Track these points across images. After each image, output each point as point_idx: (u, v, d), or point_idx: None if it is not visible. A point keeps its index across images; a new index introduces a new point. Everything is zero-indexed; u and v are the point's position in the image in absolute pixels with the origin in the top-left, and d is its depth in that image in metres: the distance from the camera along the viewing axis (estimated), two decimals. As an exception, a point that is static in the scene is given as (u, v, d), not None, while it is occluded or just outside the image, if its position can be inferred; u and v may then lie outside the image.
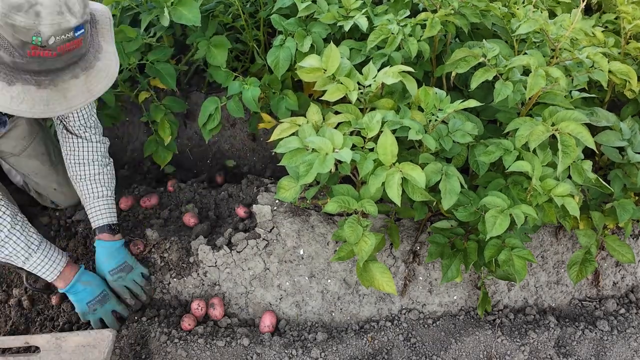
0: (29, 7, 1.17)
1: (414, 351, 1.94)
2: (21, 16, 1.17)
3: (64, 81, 1.32)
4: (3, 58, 1.23)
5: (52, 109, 1.32)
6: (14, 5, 1.17)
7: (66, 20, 1.22)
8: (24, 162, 2.11)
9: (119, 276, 1.90)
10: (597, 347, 2.02)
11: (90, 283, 1.84)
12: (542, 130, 1.63)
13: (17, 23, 1.17)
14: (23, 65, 1.25)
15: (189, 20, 1.93)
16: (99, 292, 1.85)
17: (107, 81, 1.42)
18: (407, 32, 1.88)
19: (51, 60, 1.26)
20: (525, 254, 1.71)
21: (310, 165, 1.57)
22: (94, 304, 1.84)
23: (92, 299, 1.83)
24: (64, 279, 1.81)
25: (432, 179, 1.60)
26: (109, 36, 1.46)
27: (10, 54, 1.23)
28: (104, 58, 1.41)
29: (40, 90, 1.29)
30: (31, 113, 1.30)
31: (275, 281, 2.01)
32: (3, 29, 1.19)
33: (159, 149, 2.35)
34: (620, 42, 2.11)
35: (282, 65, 1.98)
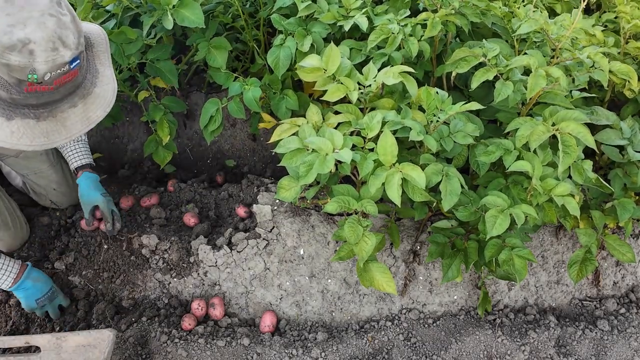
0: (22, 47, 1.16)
1: (414, 351, 1.94)
2: (15, 55, 1.16)
3: (63, 111, 1.32)
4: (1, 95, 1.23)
5: (53, 141, 1.32)
6: (7, 46, 1.16)
7: (60, 56, 1.21)
8: (22, 162, 2.10)
9: (109, 199, 2.03)
10: (597, 347, 2.02)
11: (39, 279, 1.89)
12: (543, 130, 1.63)
13: (11, 62, 1.17)
14: (21, 101, 1.25)
15: (192, 23, 1.93)
16: (47, 289, 1.90)
17: (105, 107, 1.41)
18: (407, 32, 1.87)
19: (48, 93, 1.26)
20: (526, 254, 1.71)
21: (310, 166, 1.57)
22: (43, 300, 1.90)
23: (42, 295, 1.89)
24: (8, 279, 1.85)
25: (432, 179, 1.60)
26: (105, 58, 1.44)
27: (7, 91, 1.22)
28: (100, 83, 1.39)
29: (39, 123, 1.29)
30: (32, 146, 1.29)
31: (276, 281, 2.01)
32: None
33: (158, 149, 2.35)
34: (620, 41, 2.11)
35: (282, 65, 1.97)
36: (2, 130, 1.26)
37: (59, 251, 2.13)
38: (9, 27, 1.16)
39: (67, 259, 2.08)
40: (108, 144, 2.55)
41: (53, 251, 2.13)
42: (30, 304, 1.89)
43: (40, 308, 1.91)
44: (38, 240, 2.18)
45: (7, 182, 2.35)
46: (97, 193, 2.02)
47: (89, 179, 2.03)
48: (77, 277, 2.04)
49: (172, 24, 1.91)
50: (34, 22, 1.17)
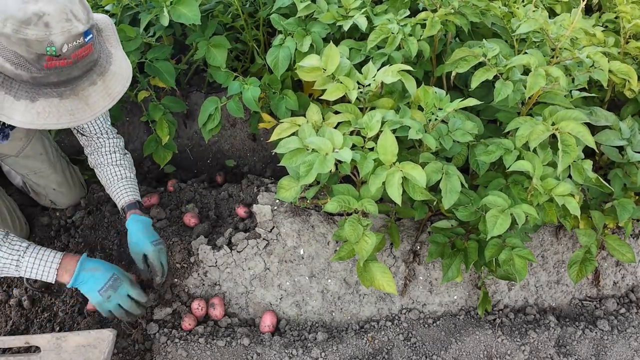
0: (37, 20, 1.19)
1: (414, 351, 1.94)
2: (32, 29, 1.19)
3: (84, 89, 1.34)
4: (22, 76, 1.25)
5: (78, 118, 1.34)
6: (22, 20, 1.18)
7: (75, 27, 1.24)
8: (22, 162, 2.10)
9: (160, 248, 1.86)
10: (597, 347, 2.02)
11: (97, 269, 1.68)
12: (542, 129, 1.63)
13: (29, 37, 1.19)
14: (42, 79, 1.27)
15: (188, 19, 1.93)
16: (109, 277, 1.69)
17: (124, 83, 1.44)
18: (407, 32, 1.88)
19: (68, 69, 1.28)
20: (526, 254, 1.71)
21: (310, 166, 1.57)
22: (106, 290, 1.68)
23: (103, 285, 1.68)
24: (66, 273, 1.65)
25: (432, 178, 1.60)
26: (115, 41, 1.47)
27: (28, 70, 1.24)
28: (115, 62, 1.43)
29: (63, 101, 1.31)
30: (59, 125, 1.31)
31: (276, 281, 2.01)
32: (17, 45, 1.20)
33: (158, 149, 2.35)
34: (620, 41, 2.11)
35: (282, 65, 1.98)
36: (28, 112, 1.27)
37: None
38: (22, 4, 1.19)
39: (67, 259, 2.07)
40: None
41: (53, 251, 2.13)
42: (95, 297, 1.67)
43: (108, 300, 1.68)
44: (38, 241, 2.18)
45: (7, 182, 2.35)
46: (147, 241, 1.84)
47: (138, 222, 1.86)
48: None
49: (167, 20, 1.91)
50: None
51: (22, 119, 1.28)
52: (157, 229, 2.13)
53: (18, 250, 1.61)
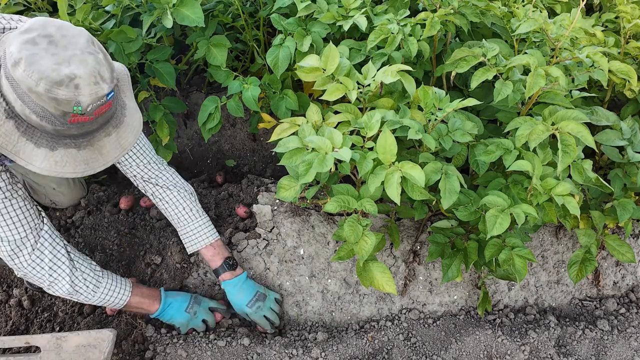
0: (68, 82, 1.26)
1: (414, 351, 1.94)
2: (62, 90, 1.26)
3: (99, 140, 1.42)
4: (45, 127, 1.32)
5: (92, 167, 1.42)
6: (55, 82, 1.25)
7: (101, 88, 1.31)
8: None
9: (257, 306, 1.92)
10: (597, 347, 2.02)
11: (176, 295, 1.91)
12: (542, 129, 1.63)
13: (59, 97, 1.26)
14: (64, 132, 1.34)
15: (192, 21, 1.93)
16: (190, 297, 1.92)
17: (135, 134, 1.51)
18: (407, 32, 1.87)
19: (89, 124, 1.36)
20: (526, 254, 1.71)
21: (309, 165, 1.57)
22: (192, 307, 1.90)
23: (187, 304, 1.90)
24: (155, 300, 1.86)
25: (431, 178, 1.60)
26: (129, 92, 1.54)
27: (52, 123, 1.31)
28: (129, 113, 1.49)
29: (80, 152, 1.39)
30: (74, 173, 1.40)
31: (276, 281, 2.01)
32: (46, 103, 1.27)
33: (159, 149, 2.35)
34: (620, 41, 2.11)
35: (282, 65, 1.98)
36: (47, 160, 1.35)
37: (59, 251, 2.13)
38: (55, 65, 1.26)
39: (67, 259, 2.07)
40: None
41: (53, 251, 2.13)
42: (182, 316, 1.88)
43: (194, 316, 1.89)
44: (38, 240, 2.18)
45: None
46: (242, 304, 1.92)
47: (230, 287, 1.93)
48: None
49: (171, 22, 1.91)
50: (76, 60, 1.28)
51: (41, 166, 1.36)
52: (157, 229, 2.13)
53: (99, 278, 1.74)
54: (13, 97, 1.29)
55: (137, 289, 1.84)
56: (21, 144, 1.33)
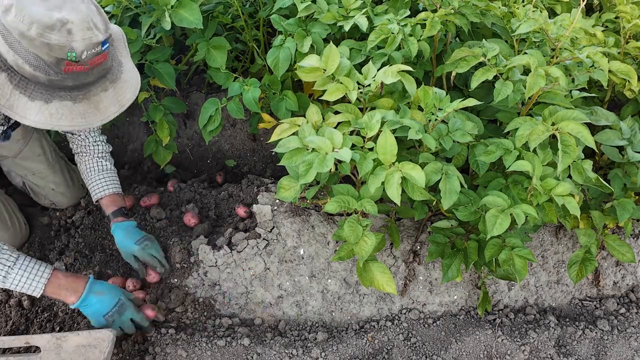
0: (61, 26, 1.25)
1: (414, 351, 1.94)
2: (55, 34, 1.25)
3: (96, 94, 1.40)
4: (39, 78, 1.31)
5: (89, 121, 1.40)
6: (47, 26, 1.24)
7: (95, 35, 1.30)
8: (20, 163, 2.11)
9: (145, 244, 1.91)
10: (597, 347, 2.02)
11: (103, 293, 1.73)
12: (542, 129, 1.63)
13: (52, 42, 1.25)
14: (59, 83, 1.33)
15: (190, 23, 1.93)
16: (115, 302, 1.74)
17: (133, 91, 1.51)
18: (407, 32, 1.88)
19: (84, 74, 1.35)
20: (526, 254, 1.71)
21: (310, 165, 1.57)
22: (112, 315, 1.74)
23: (109, 310, 1.73)
24: (73, 294, 1.69)
25: (432, 178, 1.60)
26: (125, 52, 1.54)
27: (46, 73, 1.30)
28: (126, 71, 1.50)
29: (76, 105, 1.37)
30: (71, 127, 1.38)
31: (276, 281, 2.01)
32: (39, 48, 1.26)
33: (159, 149, 2.35)
34: (620, 41, 2.11)
35: (282, 66, 1.98)
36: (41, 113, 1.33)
37: (59, 251, 2.13)
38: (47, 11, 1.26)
39: (67, 259, 2.08)
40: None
41: (53, 251, 2.13)
42: (99, 320, 1.74)
43: (111, 324, 1.75)
44: (38, 240, 2.18)
45: (7, 182, 2.35)
46: (131, 243, 1.91)
47: (120, 229, 1.94)
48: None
49: (169, 24, 1.91)
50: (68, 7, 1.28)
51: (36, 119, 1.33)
52: (157, 229, 2.13)
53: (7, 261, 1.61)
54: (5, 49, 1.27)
55: (56, 279, 1.67)
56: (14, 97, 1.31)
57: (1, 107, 1.32)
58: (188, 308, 1.99)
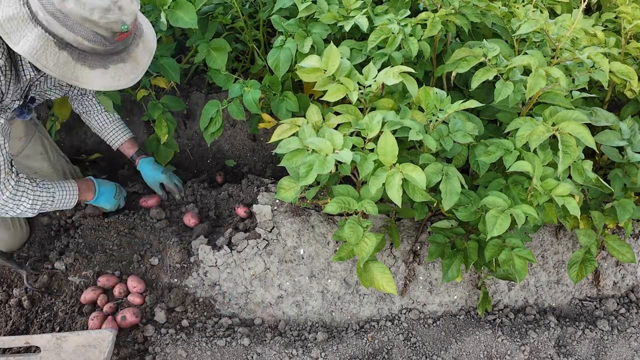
0: (114, 6, 1.44)
1: (414, 351, 1.94)
2: (111, 15, 1.44)
3: (133, 50, 1.60)
4: (97, 50, 1.49)
5: (137, 75, 1.61)
6: (105, 9, 1.43)
7: (135, 5, 1.50)
8: (22, 162, 2.10)
9: (170, 174, 2.27)
10: (597, 347, 2.02)
11: (106, 184, 2.12)
12: (543, 130, 1.63)
13: (110, 20, 1.44)
14: (112, 50, 1.52)
15: (186, 24, 1.93)
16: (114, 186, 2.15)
17: (153, 37, 1.70)
18: (407, 32, 1.87)
19: (129, 38, 1.55)
20: (526, 254, 1.71)
21: (310, 166, 1.57)
22: (118, 194, 2.15)
23: (114, 192, 2.13)
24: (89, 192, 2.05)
25: (432, 179, 1.60)
26: None
27: (103, 45, 1.49)
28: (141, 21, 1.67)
29: (126, 65, 1.57)
30: (127, 84, 1.59)
31: (276, 281, 2.01)
32: (101, 28, 1.44)
33: (160, 148, 2.35)
34: (620, 42, 2.11)
35: (283, 67, 1.97)
36: (104, 78, 1.54)
37: (59, 251, 2.13)
38: None
39: (67, 259, 2.07)
40: None
41: (53, 251, 2.13)
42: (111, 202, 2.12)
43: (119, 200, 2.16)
44: (38, 240, 2.18)
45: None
46: (158, 172, 2.23)
47: (147, 163, 2.24)
48: (77, 277, 2.04)
49: (166, 26, 1.92)
50: None
51: (102, 84, 1.54)
52: (157, 229, 2.14)
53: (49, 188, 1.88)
54: (63, 30, 1.43)
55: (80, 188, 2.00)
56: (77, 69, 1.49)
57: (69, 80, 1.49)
58: (188, 308, 1.99)
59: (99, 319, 1.89)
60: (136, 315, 1.89)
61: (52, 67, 1.46)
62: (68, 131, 2.61)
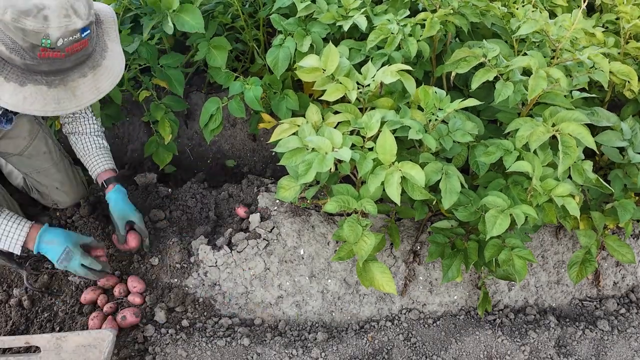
0: (37, 12, 1.23)
1: (414, 351, 1.94)
2: (30, 20, 1.23)
3: (73, 80, 1.37)
4: (14, 60, 1.29)
5: (63, 107, 1.38)
6: (22, 11, 1.22)
7: (73, 23, 1.27)
8: (26, 161, 2.11)
9: (141, 215, 1.99)
10: (597, 347, 2.02)
11: (52, 242, 1.77)
12: (543, 130, 1.63)
13: (27, 27, 1.23)
14: (34, 67, 1.30)
15: (192, 27, 1.94)
16: (62, 250, 1.77)
17: (114, 79, 1.47)
18: (406, 32, 1.88)
19: (60, 60, 1.32)
20: (526, 254, 1.71)
21: (309, 165, 1.57)
22: (62, 261, 1.78)
23: (59, 256, 1.77)
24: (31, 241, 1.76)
25: (432, 178, 1.60)
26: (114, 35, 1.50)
27: (22, 57, 1.28)
28: (109, 57, 1.45)
29: (51, 90, 1.34)
30: (43, 112, 1.35)
31: (276, 281, 2.02)
32: (14, 33, 1.24)
33: (159, 150, 2.35)
34: (620, 42, 2.11)
35: (281, 65, 1.98)
36: (15, 95, 1.32)
37: (59, 251, 2.13)
38: None
39: (67, 259, 2.08)
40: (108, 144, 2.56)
41: (53, 251, 2.13)
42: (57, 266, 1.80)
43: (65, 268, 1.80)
44: (38, 240, 2.18)
45: (7, 183, 2.35)
46: (131, 208, 1.98)
47: (119, 192, 1.99)
48: (77, 277, 2.04)
49: (172, 29, 1.92)
50: None
51: (9, 101, 1.32)
52: (157, 229, 2.14)
53: None
54: None
55: None
56: None
57: None
58: (188, 308, 1.99)
59: (99, 319, 1.89)
60: (136, 315, 1.89)
61: None
62: (68, 131, 2.61)
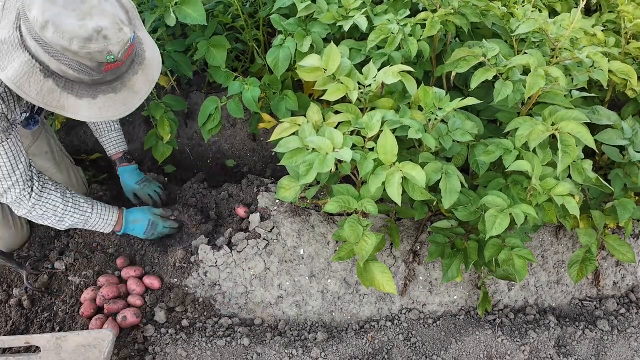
0: (97, 35, 1.33)
1: (414, 351, 1.94)
2: (94, 44, 1.33)
3: (130, 80, 1.50)
4: (83, 79, 1.40)
5: (130, 106, 1.52)
6: (86, 38, 1.32)
7: (125, 34, 1.38)
8: None
9: (144, 185, 2.24)
10: (597, 347, 2.02)
11: (137, 220, 2.04)
12: (542, 129, 1.63)
13: (93, 51, 1.34)
14: (100, 80, 1.43)
15: (194, 20, 1.94)
16: (147, 224, 2.05)
17: (158, 67, 1.59)
18: (407, 32, 1.87)
19: (119, 68, 1.44)
20: (526, 254, 1.71)
21: (310, 165, 1.57)
22: (148, 232, 2.06)
23: (145, 230, 2.05)
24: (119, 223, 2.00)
25: (432, 178, 1.60)
26: (140, 24, 1.57)
27: (89, 75, 1.39)
28: (147, 49, 1.55)
29: (117, 95, 1.48)
30: (117, 115, 1.50)
31: (276, 281, 2.01)
32: (82, 58, 1.35)
33: (158, 144, 2.35)
34: (620, 41, 2.11)
35: (282, 66, 1.97)
36: (90, 109, 1.45)
37: (59, 251, 2.13)
38: (80, 22, 1.32)
39: (67, 259, 2.08)
40: None
41: (53, 251, 2.13)
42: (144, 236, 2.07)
43: (152, 236, 2.07)
44: (38, 240, 2.18)
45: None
46: (132, 182, 2.23)
47: (124, 171, 2.24)
48: (77, 277, 2.04)
49: (174, 21, 1.92)
50: (97, 11, 1.35)
51: (88, 114, 1.46)
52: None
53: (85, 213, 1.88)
54: (47, 58, 1.35)
55: None
56: (64, 98, 1.42)
57: (54, 109, 1.42)
58: (188, 308, 1.99)
59: (99, 319, 1.89)
60: (137, 316, 1.89)
61: (34, 96, 1.39)
62: (68, 131, 2.61)
